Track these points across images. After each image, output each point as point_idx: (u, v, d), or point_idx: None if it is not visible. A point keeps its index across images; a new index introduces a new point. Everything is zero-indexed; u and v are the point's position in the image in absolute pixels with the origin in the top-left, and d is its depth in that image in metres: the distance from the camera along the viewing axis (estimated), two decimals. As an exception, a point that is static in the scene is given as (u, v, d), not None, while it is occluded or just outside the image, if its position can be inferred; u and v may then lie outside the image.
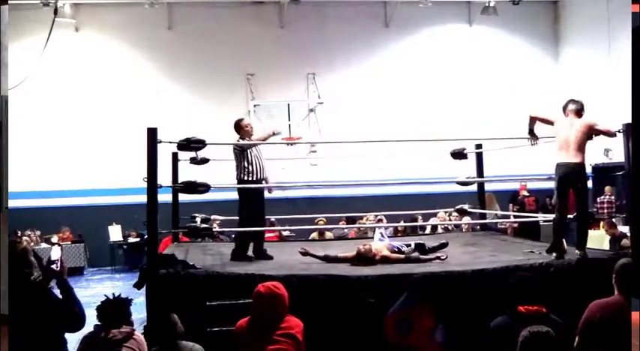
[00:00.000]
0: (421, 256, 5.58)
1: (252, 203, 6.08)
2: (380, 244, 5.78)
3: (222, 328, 4.14)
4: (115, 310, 3.63)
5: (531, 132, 5.87)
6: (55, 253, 3.71)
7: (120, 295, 3.71)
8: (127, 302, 3.69)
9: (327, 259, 5.66)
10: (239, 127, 6.23)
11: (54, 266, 3.62)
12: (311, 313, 3.84)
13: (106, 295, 3.70)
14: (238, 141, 6.18)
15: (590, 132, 5.39)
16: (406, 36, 14.90)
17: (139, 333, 3.69)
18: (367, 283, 4.63)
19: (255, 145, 6.15)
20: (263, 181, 6.20)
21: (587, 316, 3.57)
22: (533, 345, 2.92)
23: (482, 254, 5.96)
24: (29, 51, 11.98)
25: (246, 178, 6.05)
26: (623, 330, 3.42)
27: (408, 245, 5.72)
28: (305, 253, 5.69)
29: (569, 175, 5.33)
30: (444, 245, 5.97)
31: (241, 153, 6.08)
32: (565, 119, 5.52)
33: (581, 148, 5.33)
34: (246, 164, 6.04)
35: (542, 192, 11.35)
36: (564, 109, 5.56)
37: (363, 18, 14.81)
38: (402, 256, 5.54)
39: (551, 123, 5.59)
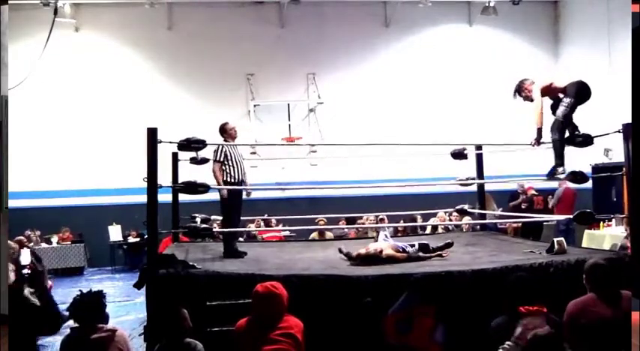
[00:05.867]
0: (420, 254, 5.59)
1: (234, 203, 6.20)
2: (385, 244, 5.80)
3: (222, 328, 4.14)
4: (89, 306, 3.55)
5: (539, 139, 5.92)
6: (25, 257, 3.64)
7: (91, 290, 3.65)
8: (102, 296, 3.61)
9: (349, 256, 5.73)
10: (223, 130, 6.34)
11: (25, 271, 3.55)
12: (311, 313, 3.84)
13: (78, 294, 3.63)
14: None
15: None
16: (406, 36, 14.90)
17: (121, 330, 3.65)
18: (367, 283, 4.63)
19: (242, 145, 6.23)
20: (242, 183, 6.28)
21: (567, 316, 3.65)
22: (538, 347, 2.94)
23: (483, 254, 5.94)
24: (29, 51, 11.97)
25: (227, 179, 6.14)
26: (598, 325, 3.51)
27: (412, 245, 5.72)
28: (341, 252, 5.87)
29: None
30: (448, 245, 5.98)
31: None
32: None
33: None
34: (226, 166, 6.13)
35: (541, 192, 11.41)
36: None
37: (363, 18, 14.81)
38: (407, 255, 5.55)
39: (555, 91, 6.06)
